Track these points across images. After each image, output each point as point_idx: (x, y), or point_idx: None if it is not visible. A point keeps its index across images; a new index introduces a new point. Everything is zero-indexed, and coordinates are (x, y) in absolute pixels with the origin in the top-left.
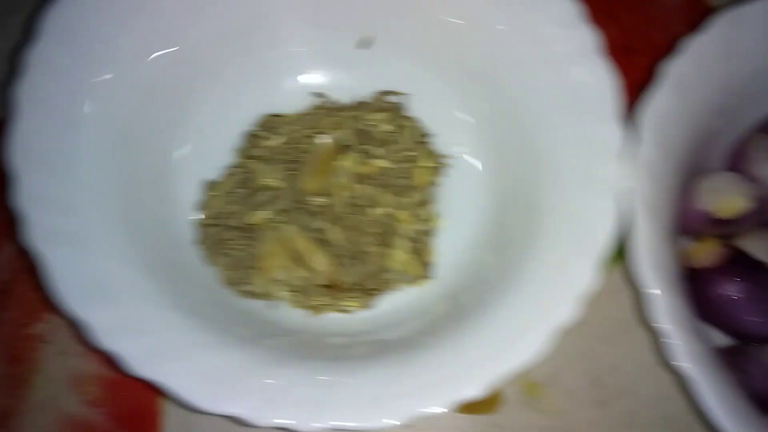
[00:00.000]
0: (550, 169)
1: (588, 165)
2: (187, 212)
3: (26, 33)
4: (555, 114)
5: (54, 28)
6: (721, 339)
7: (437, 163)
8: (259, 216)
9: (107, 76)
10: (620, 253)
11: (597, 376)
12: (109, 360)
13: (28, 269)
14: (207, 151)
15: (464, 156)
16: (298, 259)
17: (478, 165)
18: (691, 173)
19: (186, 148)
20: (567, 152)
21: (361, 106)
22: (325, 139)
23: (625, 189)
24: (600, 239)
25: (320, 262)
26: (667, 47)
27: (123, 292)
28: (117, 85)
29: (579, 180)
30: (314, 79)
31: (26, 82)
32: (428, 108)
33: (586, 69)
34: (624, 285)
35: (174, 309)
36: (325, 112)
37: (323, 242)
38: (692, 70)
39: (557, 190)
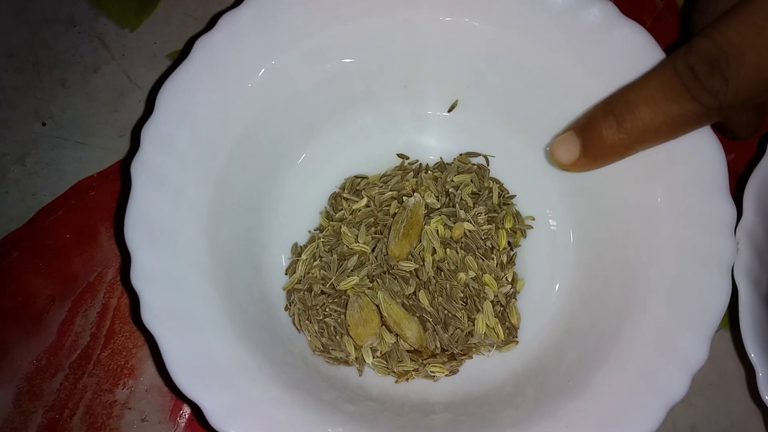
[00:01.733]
0: (650, 241)
1: (696, 237)
2: (278, 277)
3: (146, 108)
4: (656, 185)
5: (168, 102)
6: None
7: (520, 225)
8: (349, 283)
9: (211, 141)
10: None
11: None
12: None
13: (107, 334)
14: (296, 213)
15: (549, 219)
16: (388, 326)
17: (562, 228)
18: None
19: (277, 212)
20: (670, 224)
21: (444, 167)
22: (413, 202)
23: (731, 261)
24: (712, 312)
25: (411, 329)
26: None
27: (230, 371)
28: (219, 150)
29: (687, 253)
30: (399, 139)
31: (140, 158)
32: (511, 169)
33: (692, 142)
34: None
35: (274, 384)
36: (408, 173)
37: (412, 308)
38: None
39: (659, 261)
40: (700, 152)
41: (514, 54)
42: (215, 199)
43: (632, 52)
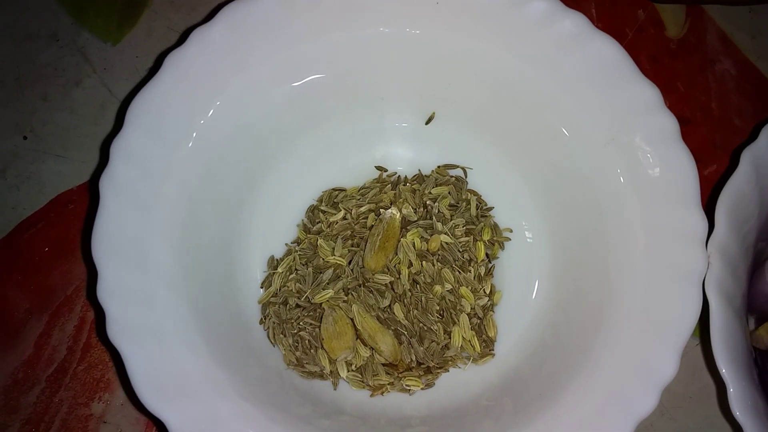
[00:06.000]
0: (624, 253)
1: (668, 251)
2: (253, 291)
3: (116, 124)
4: (630, 198)
5: (138, 117)
6: None
7: (498, 237)
8: (324, 296)
9: (182, 156)
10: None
11: None
12: None
13: (84, 348)
14: (273, 226)
15: (525, 231)
16: (363, 340)
17: (538, 240)
18: (758, 254)
19: (253, 225)
20: (644, 237)
21: (422, 179)
22: (389, 215)
23: (702, 274)
24: (682, 326)
25: (386, 342)
26: (723, 118)
27: (199, 387)
28: (191, 165)
29: (659, 266)
30: (378, 152)
31: (109, 173)
32: (489, 181)
33: (665, 155)
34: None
35: (246, 400)
36: (387, 185)
37: (387, 321)
38: (766, 153)
39: (632, 274)
40: (672, 165)
41: (488, 67)
42: (188, 214)
43: (604, 64)
